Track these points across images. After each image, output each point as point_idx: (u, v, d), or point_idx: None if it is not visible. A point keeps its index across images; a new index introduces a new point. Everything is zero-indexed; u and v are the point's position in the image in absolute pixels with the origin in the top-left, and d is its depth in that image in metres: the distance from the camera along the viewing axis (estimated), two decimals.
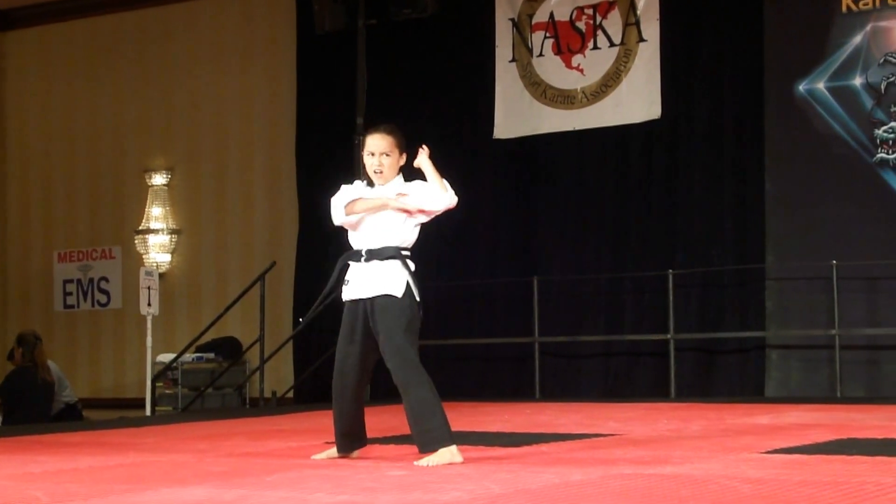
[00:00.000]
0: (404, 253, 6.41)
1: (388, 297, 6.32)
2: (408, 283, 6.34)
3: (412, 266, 6.40)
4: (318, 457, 6.61)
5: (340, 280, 6.55)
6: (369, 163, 6.46)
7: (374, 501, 4.80)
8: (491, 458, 6.34)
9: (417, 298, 6.34)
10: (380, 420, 9.74)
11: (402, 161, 6.51)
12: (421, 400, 6.25)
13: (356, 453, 6.59)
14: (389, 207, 6.38)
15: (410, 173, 6.54)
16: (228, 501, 4.94)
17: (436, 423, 6.19)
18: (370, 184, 6.54)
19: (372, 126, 6.63)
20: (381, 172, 6.43)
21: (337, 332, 6.54)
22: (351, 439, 6.56)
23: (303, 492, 5.21)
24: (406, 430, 6.42)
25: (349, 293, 6.45)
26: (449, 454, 6.13)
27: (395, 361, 6.32)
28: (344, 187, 6.55)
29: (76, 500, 5.11)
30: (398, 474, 5.71)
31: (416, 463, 6.11)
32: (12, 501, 5.09)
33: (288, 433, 8.78)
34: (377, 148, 6.43)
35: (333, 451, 6.62)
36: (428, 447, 6.20)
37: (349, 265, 6.49)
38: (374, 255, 6.39)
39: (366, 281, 6.39)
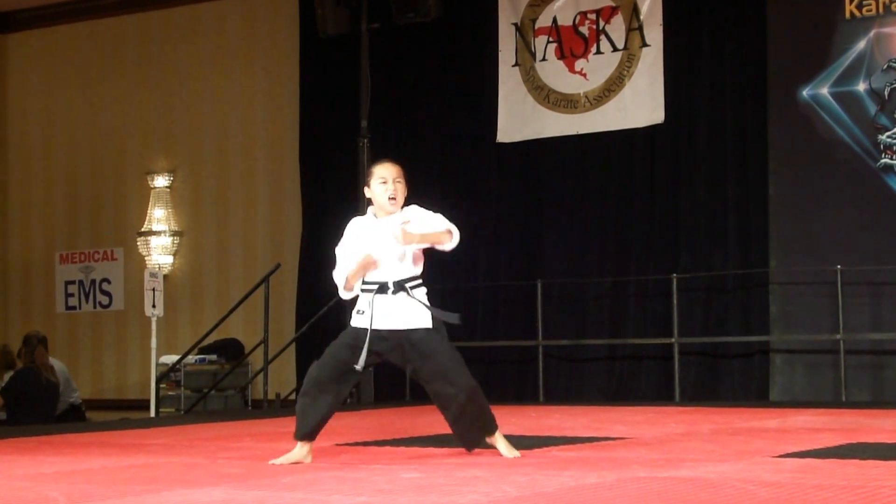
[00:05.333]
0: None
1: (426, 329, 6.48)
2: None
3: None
4: (277, 461, 6.54)
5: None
6: (382, 190, 6.45)
7: None
8: (504, 461, 6.36)
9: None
10: (389, 422, 9.78)
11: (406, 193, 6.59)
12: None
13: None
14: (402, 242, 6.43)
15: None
16: (247, 503, 4.97)
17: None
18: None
19: (377, 160, 6.72)
20: (394, 199, 6.45)
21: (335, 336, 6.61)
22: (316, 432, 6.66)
23: (320, 493, 5.23)
24: (417, 432, 6.43)
25: (383, 323, 6.47)
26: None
27: None
28: (346, 237, 6.59)
29: (93, 501, 5.13)
30: (413, 476, 5.74)
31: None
32: (30, 501, 5.11)
33: None
34: (390, 174, 6.46)
35: (292, 455, 6.59)
36: None
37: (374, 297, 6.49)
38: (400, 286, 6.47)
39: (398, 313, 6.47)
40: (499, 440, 6.57)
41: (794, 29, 12.82)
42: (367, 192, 6.54)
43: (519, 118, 14.12)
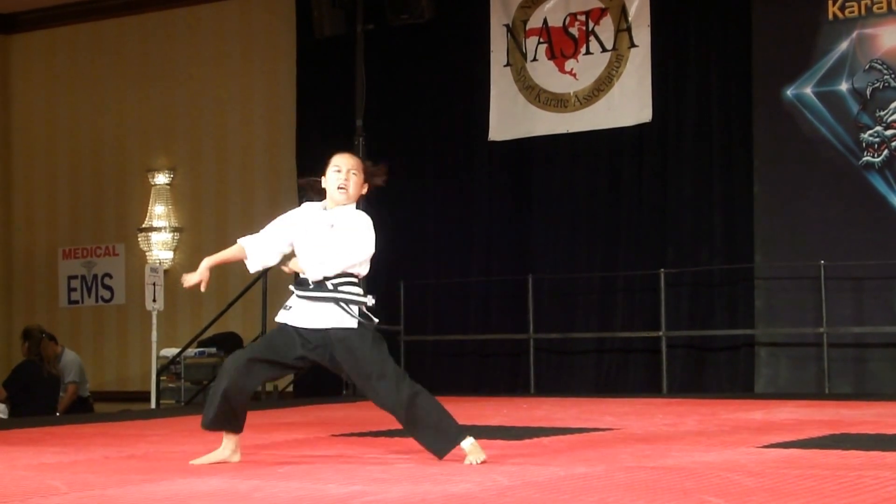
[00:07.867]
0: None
1: None
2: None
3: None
4: (197, 462, 6.26)
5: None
6: (334, 178, 6.23)
7: (386, 492, 4.93)
8: (495, 452, 6.43)
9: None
10: (384, 413, 9.86)
11: (365, 190, 6.34)
12: None
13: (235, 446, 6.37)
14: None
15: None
16: (244, 492, 5.07)
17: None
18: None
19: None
20: (344, 188, 6.21)
21: None
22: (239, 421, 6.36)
23: (316, 482, 5.35)
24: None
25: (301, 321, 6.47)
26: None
27: None
28: (289, 215, 6.53)
29: (95, 490, 5.23)
30: (406, 466, 5.87)
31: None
32: (32, 491, 5.22)
33: (293, 426, 8.86)
34: (345, 164, 6.24)
35: (215, 454, 6.31)
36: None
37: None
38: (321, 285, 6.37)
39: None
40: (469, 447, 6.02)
41: (778, 30, 12.93)
42: (323, 182, 6.32)
43: (510, 117, 14.25)
